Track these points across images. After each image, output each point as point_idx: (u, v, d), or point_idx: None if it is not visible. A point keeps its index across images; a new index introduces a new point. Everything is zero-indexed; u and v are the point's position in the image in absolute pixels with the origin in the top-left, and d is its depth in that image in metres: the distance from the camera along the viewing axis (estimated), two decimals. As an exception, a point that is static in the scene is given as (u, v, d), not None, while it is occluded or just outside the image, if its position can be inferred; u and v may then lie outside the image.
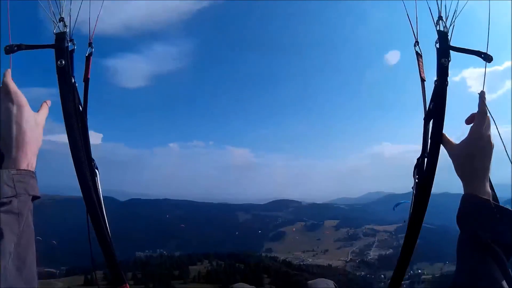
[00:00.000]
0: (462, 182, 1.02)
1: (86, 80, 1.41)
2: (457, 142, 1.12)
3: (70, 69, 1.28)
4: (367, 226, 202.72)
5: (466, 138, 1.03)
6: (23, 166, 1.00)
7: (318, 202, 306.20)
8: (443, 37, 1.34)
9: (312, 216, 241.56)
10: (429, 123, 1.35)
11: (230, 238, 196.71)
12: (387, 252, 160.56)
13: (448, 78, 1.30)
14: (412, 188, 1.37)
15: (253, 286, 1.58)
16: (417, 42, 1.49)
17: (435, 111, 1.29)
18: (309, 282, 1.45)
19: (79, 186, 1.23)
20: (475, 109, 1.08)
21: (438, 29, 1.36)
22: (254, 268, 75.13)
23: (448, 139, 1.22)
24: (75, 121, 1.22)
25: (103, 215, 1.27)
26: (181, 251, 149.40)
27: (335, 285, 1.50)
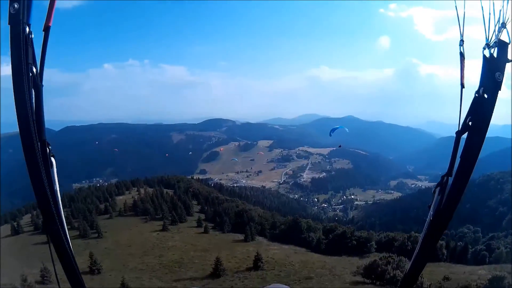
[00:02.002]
0: None
1: (47, 29, 1.11)
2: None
3: (25, 16, 0.99)
4: (300, 148, 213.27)
5: None
6: None
7: (252, 122, 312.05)
8: (503, 47, 1.16)
9: (246, 136, 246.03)
10: (460, 138, 1.21)
11: (164, 161, 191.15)
12: (320, 176, 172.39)
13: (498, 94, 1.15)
14: (428, 207, 1.23)
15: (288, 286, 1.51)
16: (462, 41, 1.31)
17: (474, 128, 1.15)
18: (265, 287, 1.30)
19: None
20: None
21: (498, 37, 1.17)
22: (183, 195, 71.12)
23: None
24: (26, 90, 0.97)
25: (61, 218, 1.07)
26: (117, 178, 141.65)
27: None
